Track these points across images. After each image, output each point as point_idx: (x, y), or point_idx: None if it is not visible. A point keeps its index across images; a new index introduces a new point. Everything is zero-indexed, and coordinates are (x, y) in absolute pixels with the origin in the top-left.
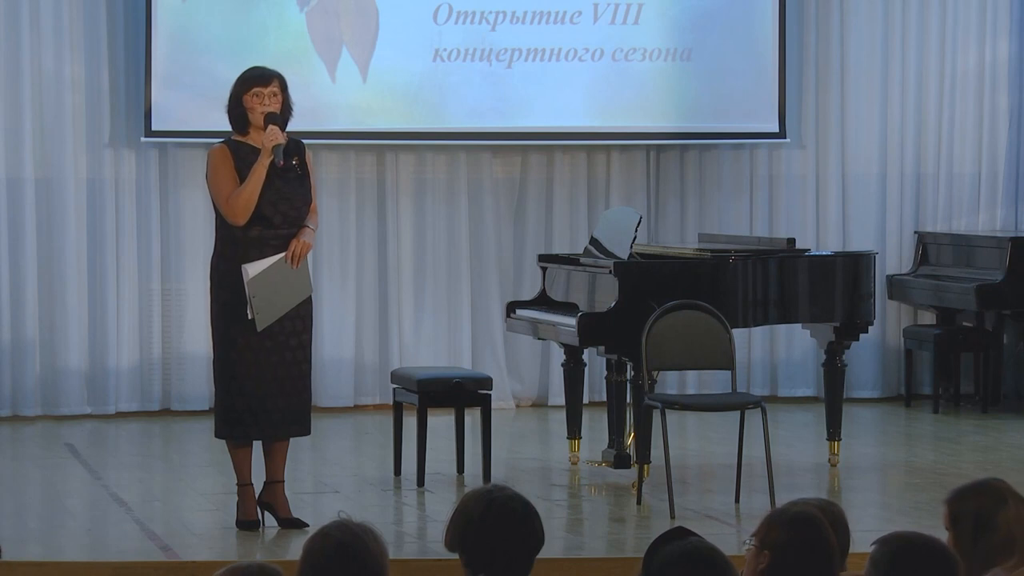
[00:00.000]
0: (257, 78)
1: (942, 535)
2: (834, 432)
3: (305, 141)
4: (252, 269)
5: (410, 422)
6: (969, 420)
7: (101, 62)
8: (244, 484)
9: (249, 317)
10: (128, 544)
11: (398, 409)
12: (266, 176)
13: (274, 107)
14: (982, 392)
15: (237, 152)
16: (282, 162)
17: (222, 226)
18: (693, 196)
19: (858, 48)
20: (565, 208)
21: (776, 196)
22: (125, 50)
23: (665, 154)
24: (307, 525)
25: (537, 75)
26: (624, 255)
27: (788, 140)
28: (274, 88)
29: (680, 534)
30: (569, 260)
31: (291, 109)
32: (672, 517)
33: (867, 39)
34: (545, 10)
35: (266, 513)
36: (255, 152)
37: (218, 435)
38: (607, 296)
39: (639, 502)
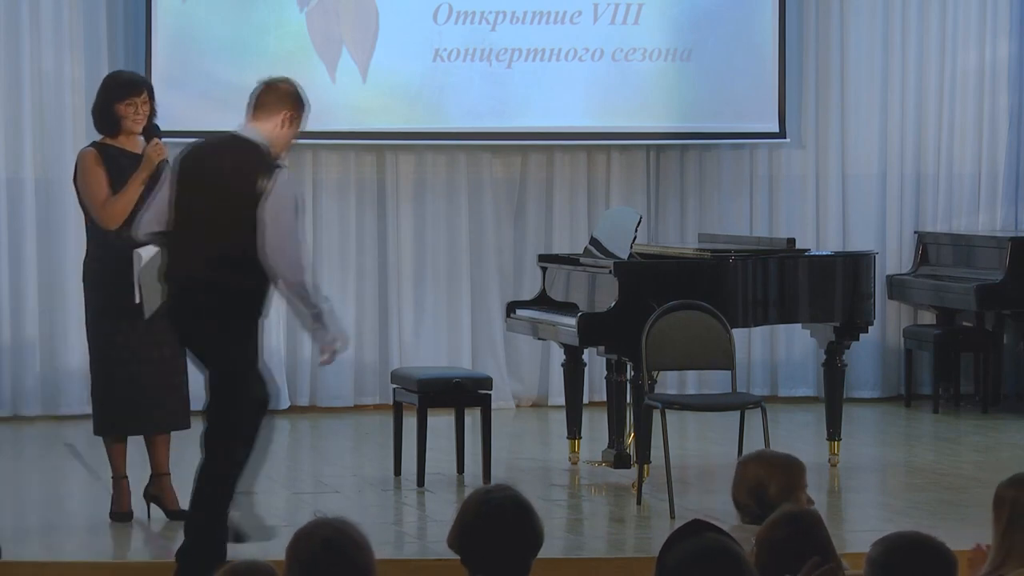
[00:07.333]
0: (130, 87)
1: (941, 535)
2: (834, 432)
3: (305, 141)
4: (145, 253)
5: (410, 422)
6: (969, 420)
7: (101, 62)
8: (120, 477)
9: (136, 301)
10: (128, 544)
11: (398, 409)
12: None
13: (144, 115)
14: (982, 392)
15: (105, 155)
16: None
17: (93, 228)
18: (693, 196)
19: (858, 48)
20: (565, 208)
21: (776, 196)
22: (125, 50)
23: (665, 154)
24: None
25: (537, 75)
26: (624, 255)
27: (788, 140)
28: (145, 97)
29: (697, 528)
30: (569, 260)
31: (156, 114)
32: (672, 517)
33: (867, 39)
34: (545, 10)
35: (152, 505)
36: (125, 155)
37: (97, 432)
38: (607, 296)
39: (639, 502)
